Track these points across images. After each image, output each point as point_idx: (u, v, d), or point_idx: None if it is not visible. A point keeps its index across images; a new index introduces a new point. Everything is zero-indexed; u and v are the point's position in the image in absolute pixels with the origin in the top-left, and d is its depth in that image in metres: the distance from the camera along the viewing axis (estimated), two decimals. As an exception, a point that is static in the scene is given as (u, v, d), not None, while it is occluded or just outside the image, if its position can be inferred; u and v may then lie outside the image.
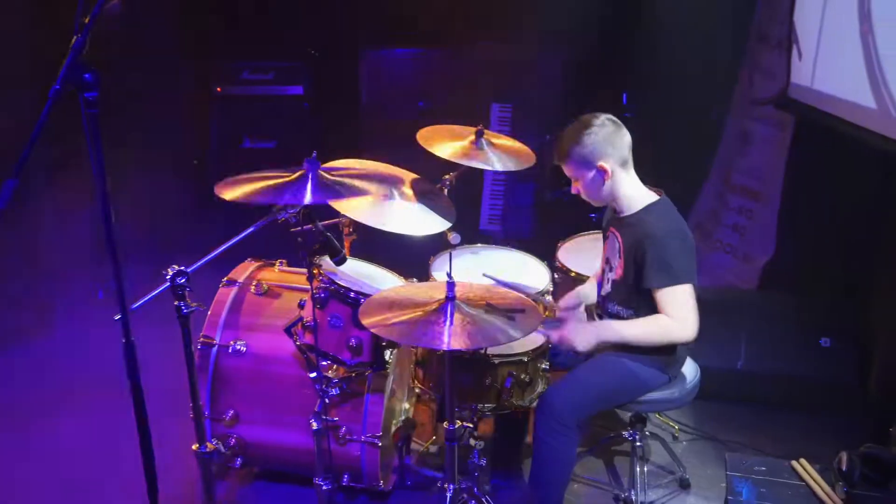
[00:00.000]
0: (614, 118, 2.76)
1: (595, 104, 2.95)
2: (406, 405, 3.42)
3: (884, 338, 3.58)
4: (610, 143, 2.70)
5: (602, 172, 2.71)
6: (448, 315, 2.23)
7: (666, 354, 2.79)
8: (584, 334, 2.70)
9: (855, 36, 3.43)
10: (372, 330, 2.26)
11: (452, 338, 2.15)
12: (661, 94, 5.00)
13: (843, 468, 2.37)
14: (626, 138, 2.74)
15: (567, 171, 2.81)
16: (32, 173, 4.83)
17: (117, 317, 2.01)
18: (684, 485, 3.35)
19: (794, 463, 2.49)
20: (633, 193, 2.78)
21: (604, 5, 5.25)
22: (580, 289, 3.14)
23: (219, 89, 6.23)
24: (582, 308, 3.08)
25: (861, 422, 3.63)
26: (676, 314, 2.63)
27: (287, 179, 2.37)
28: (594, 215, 5.28)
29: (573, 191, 2.86)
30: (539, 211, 5.85)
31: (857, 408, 3.69)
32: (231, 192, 2.34)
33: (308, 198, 2.28)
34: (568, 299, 3.11)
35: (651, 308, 2.69)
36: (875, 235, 3.86)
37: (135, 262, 2.58)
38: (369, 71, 6.13)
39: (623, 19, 5.33)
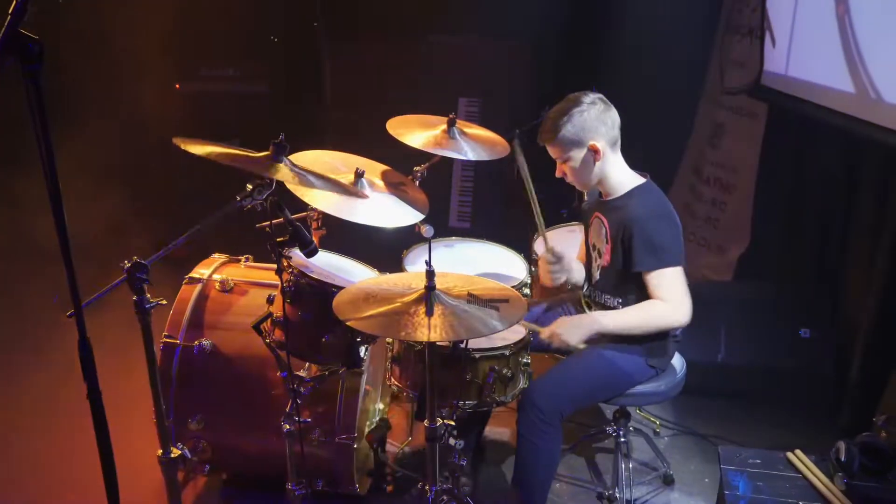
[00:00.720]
0: (603, 97, 2.66)
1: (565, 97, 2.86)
2: (380, 405, 3.28)
3: (862, 327, 3.52)
4: (601, 121, 2.60)
5: (593, 152, 2.60)
6: (428, 306, 2.10)
7: (652, 342, 2.70)
8: (577, 329, 2.60)
9: (831, 19, 3.38)
10: (347, 324, 2.11)
11: (433, 330, 2.02)
12: (629, 87, 4.93)
13: (842, 458, 2.29)
14: (616, 118, 2.65)
15: (554, 151, 2.69)
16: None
17: (69, 313, 1.85)
18: (668, 481, 3.27)
19: (789, 454, 2.41)
20: (621, 176, 2.69)
21: (572, -1, 5.22)
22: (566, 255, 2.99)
23: (178, 86, 6.06)
24: (563, 275, 2.92)
25: (842, 412, 3.59)
26: (669, 297, 2.54)
27: (251, 154, 2.23)
28: (564, 210, 5.24)
29: (557, 174, 2.74)
30: (508, 207, 5.76)
31: (838, 398, 3.64)
32: (193, 147, 2.20)
33: (272, 173, 2.14)
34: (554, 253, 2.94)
35: (641, 294, 2.59)
36: (850, 223, 3.81)
37: (93, 263, 2.42)
38: (333, 67, 5.99)
39: (591, 12, 5.27)
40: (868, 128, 3.20)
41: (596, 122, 2.59)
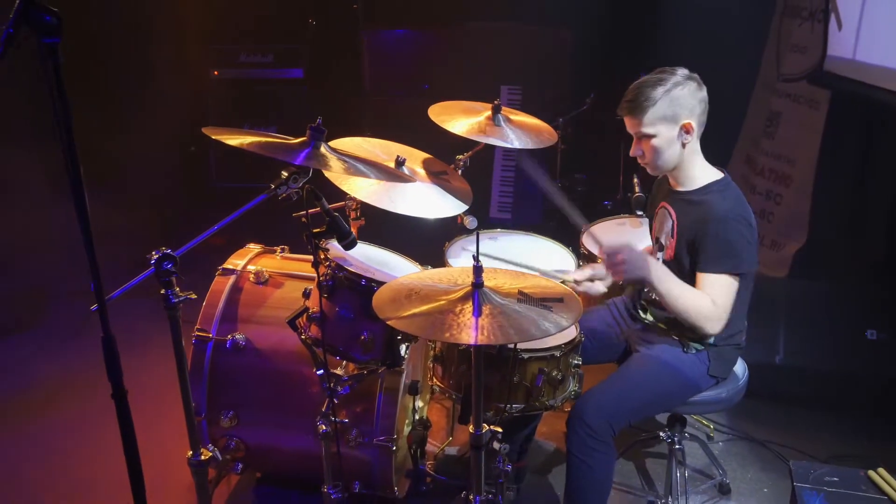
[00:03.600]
0: (696, 75, 2.46)
1: (609, 85, 2.65)
2: (420, 403, 3.14)
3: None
4: (696, 99, 2.41)
5: (685, 132, 2.40)
6: (475, 305, 1.94)
7: (707, 350, 2.51)
8: (637, 264, 2.39)
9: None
10: (390, 323, 1.96)
11: (481, 332, 1.86)
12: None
13: (932, 478, 2.08)
14: (707, 102, 2.45)
15: (637, 125, 2.44)
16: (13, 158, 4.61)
17: (94, 307, 1.73)
18: (724, 490, 3.08)
19: (871, 473, 2.20)
20: (699, 167, 2.50)
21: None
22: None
23: (216, 73, 5.99)
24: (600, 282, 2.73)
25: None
26: (718, 302, 2.36)
27: (286, 141, 2.10)
28: (608, 202, 5.05)
29: (632, 153, 2.52)
30: (549, 198, 5.59)
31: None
32: (225, 138, 2.09)
33: (301, 160, 2.01)
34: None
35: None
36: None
37: (127, 250, 2.32)
38: (372, 53, 5.90)
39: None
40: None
41: (693, 99, 2.40)
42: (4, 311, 4.38)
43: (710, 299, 2.38)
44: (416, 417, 3.05)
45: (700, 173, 2.50)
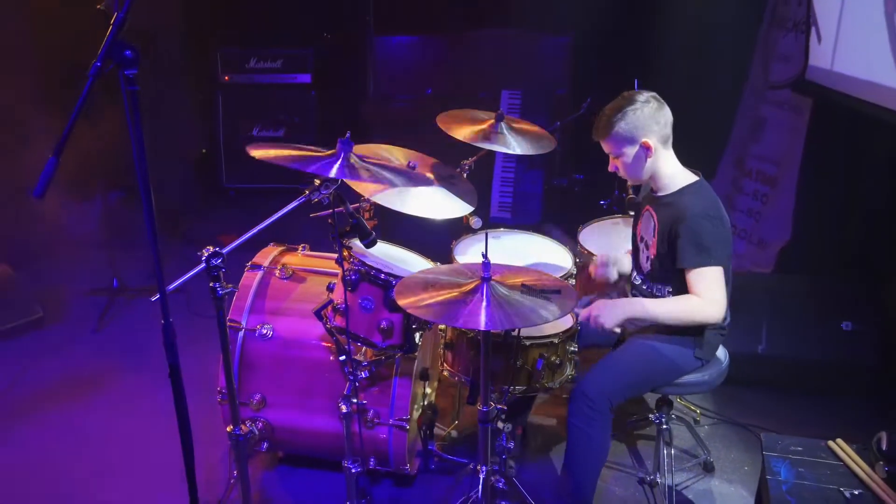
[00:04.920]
0: (657, 95, 2.74)
1: (605, 91, 2.94)
2: (428, 390, 3.41)
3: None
4: (654, 119, 2.68)
5: (646, 149, 2.69)
6: (484, 295, 2.21)
7: (695, 335, 2.78)
8: (612, 310, 2.68)
9: (879, 16, 3.41)
10: (407, 310, 2.23)
11: (489, 318, 2.13)
12: (672, 80, 4.98)
13: (884, 448, 2.36)
14: (668, 116, 2.73)
15: (607, 147, 2.78)
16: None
17: (155, 297, 1.99)
18: (709, 468, 3.35)
19: (830, 443, 2.48)
20: (673, 172, 2.77)
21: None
22: (612, 254, 3.12)
23: (226, 78, 6.23)
24: (613, 270, 3.07)
25: (884, 405, 3.64)
26: (706, 295, 2.62)
27: (318, 154, 2.36)
28: (604, 202, 5.31)
29: (610, 168, 2.83)
30: (548, 198, 5.84)
31: (880, 391, 3.68)
32: (262, 153, 2.36)
33: (334, 172, 2.27)
34: (601, 258, 3.11)
35: (682, 287, 2.68)
36: (894, 217, 3.84)
37: (142, 250, 2.56)
38: (377, 58, 6.11)
39: (634, 4, 5.31)
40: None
41: (649, 120, 2.68)
42: (29, 306, 4.62)
43: (696, 298, 2.64)
44: (426, 402, 3.32)
45: (675, 178, 2.78)
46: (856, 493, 2.26)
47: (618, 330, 2.70)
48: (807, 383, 3.84)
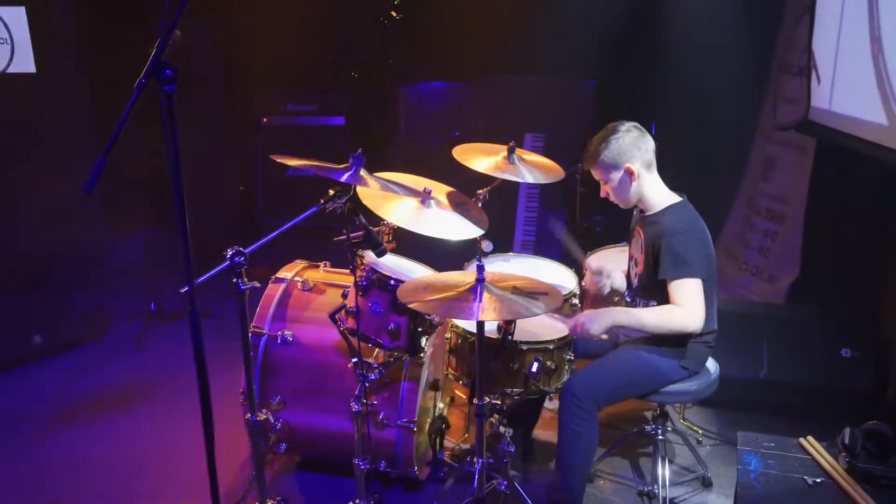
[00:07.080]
0: (638, 125, 2.99)
1: None
2: (441, 404, 3.61)
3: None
4: (636, 146, 2.94)
5: (629, 174, 2.94)
6: (478, 294, 2.46)
7: (678, 346, 2.98)
8: (598, 318, 2.88)
9: (867, 58, 3.62)
10: (410, 306, 2.48)
11: (482, 311, 2.37)
12: (689, 124, 5.24)
13: (846, 441, 2.52)
14: (650, 143, 2.98)
15: (596, 174, 3.05)
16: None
17: (183, 290, 2.25)
18: (706, 483, 3.48)
19: (801, 440, 2.65)
20: (657, 195, 3.01)
21: (631, 41, 5.55)
22: (606, 266, 3.32)
23: (265, 120, 6.63)
24: (606, 281, 3.28)
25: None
26: (685, 304, 2.83)
27: (332, 166, 2.67)
28: (624, 242, 5.50)
29: (602, 194, 3.08)
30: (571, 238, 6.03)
31: (877, 416, 3.77)
32: (286, 160, 2.69)
33: (346, 177, 2.57)
34: (595, 267, 3.33)
35: (665, 299, 2.88)
36: (889, 250, 4.00)
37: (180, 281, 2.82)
38: (407, 102, 6.44)
39: (653, 53, 5.57)
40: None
41: (631, 147, 2.93)
42: (75, 326, 4.97)
43: (678, 308, 2.84)
44: (437, 415, 3.53)
45: (660, 199, 3.01)
46: (818, 480, 2.42)
47: (604, 337, 2.91)
48: (807, 407, 3.94)
